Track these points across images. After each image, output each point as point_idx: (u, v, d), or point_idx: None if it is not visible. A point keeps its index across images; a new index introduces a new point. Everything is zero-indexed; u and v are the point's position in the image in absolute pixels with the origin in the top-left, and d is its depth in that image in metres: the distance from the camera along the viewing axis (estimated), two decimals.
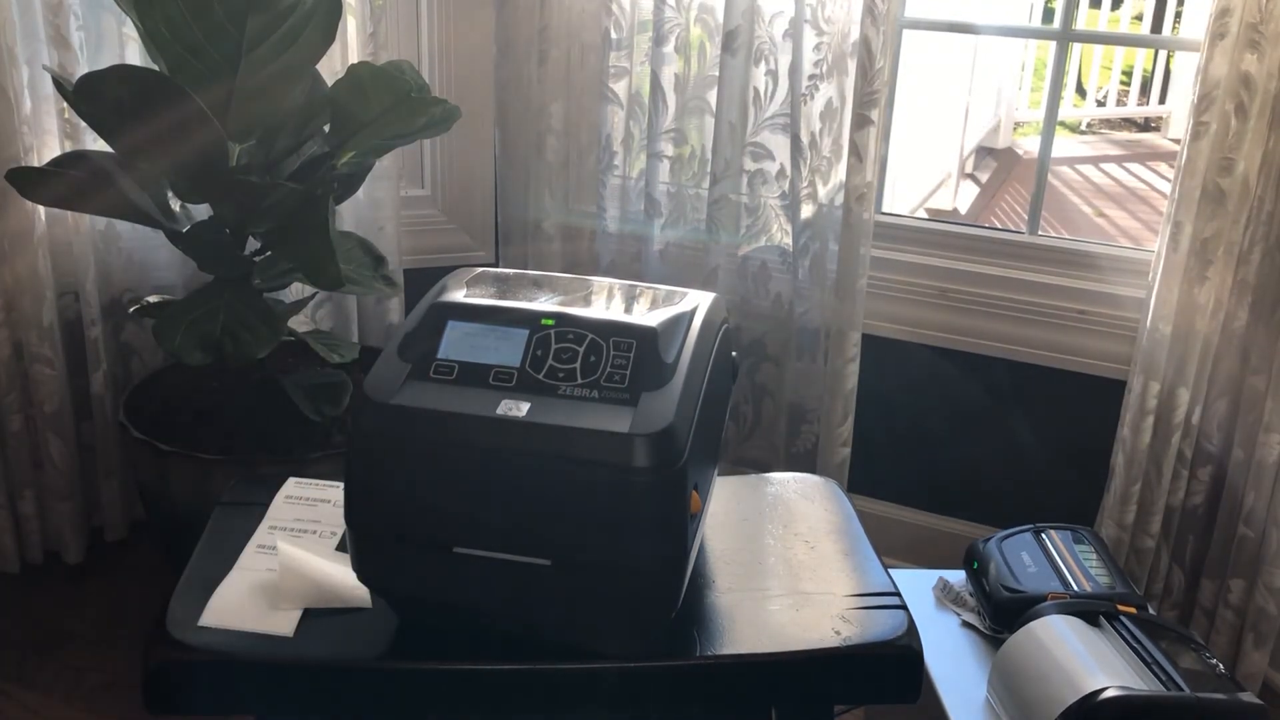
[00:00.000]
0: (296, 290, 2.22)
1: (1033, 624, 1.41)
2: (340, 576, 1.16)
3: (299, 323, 2.34)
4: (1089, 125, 6.16)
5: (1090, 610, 1.44)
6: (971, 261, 2.28)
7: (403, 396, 1.03)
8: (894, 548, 2.41)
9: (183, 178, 1.85)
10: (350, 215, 2.33)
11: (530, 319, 1.09)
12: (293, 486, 1.35)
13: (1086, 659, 1.33)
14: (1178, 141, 2.34)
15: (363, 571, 1.10)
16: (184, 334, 1.81)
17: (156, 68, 1.78)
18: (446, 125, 1.94)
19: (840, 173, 2.19)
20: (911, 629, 1.15)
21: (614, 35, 2.28)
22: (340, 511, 1.27)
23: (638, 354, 1.06)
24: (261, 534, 1.26)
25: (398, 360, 1.08)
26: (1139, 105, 6.12)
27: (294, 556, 1.17)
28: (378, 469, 1.04)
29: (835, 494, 1.41)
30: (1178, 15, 5.77)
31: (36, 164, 2.08)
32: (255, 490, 1.35)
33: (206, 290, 1.93)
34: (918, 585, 1.67)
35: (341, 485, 1.06)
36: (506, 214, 2.51)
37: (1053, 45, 2.21)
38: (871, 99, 2.08)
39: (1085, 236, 3.91)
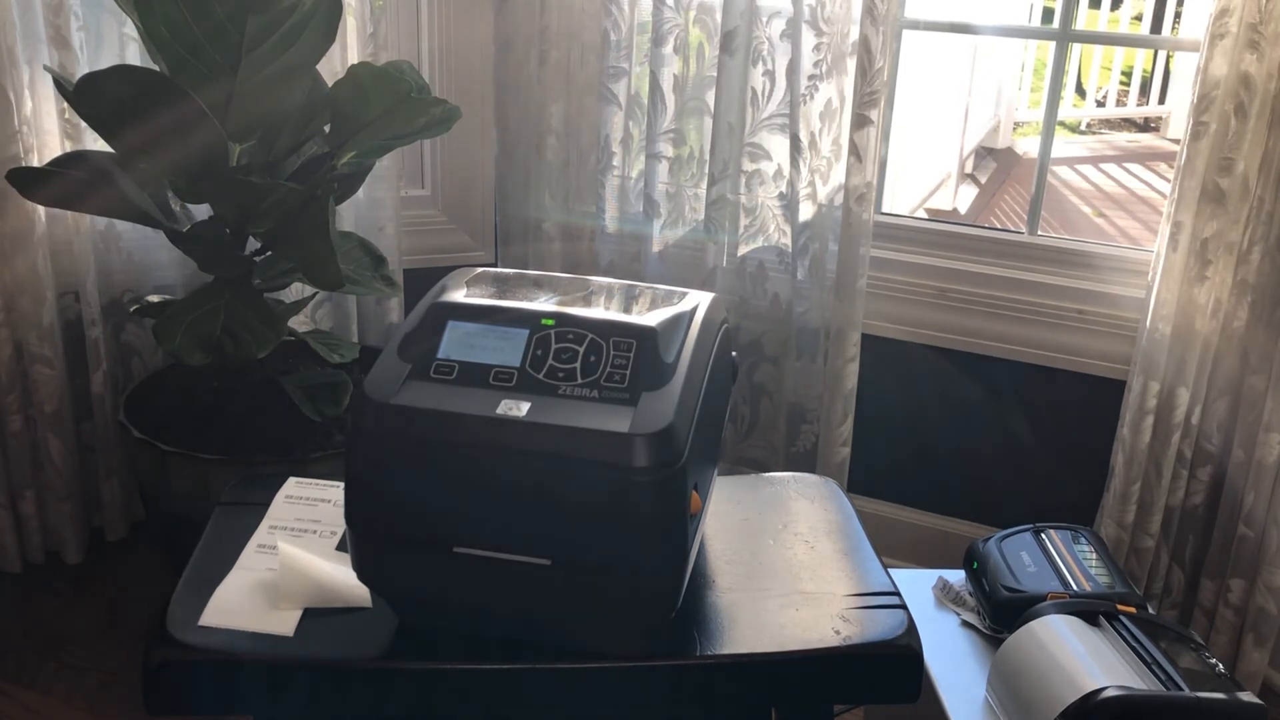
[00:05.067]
0: (296, 290, 2.22)
1: (1032, 624, 1.41)
2: (340, 576, 1.16)
3: (299, 323, 2.35)
4: (1089, 125, 6.17)
5: (1090, 610, 1.44)
6: (971, 261, 2.28)
7: (403, 396, 1.03)
8: (894, 548, 2.41)
9: (183, 178, 1.86)
10: (350, 215, 2.33)
11: (530, 319, 1.09)
12: (293, 486, 1.35)
13: (1086, 659, 1.33)
14: (1177, 141, 2.34)
15: (363, 571, 1.10)
16: (184, 334, 1.81)
17: (156, 68, 1.78)
18: (447, 125, 1.94)
19: (840, 173, 2.19)
20: (911, 629, 1.15)
21: (613, 36, 2.28)
22: (340, 511, 1.28)
23: (638, 354, 1.06)
24: (261, 534, 1.26)
25: (398, 360, 1.08)
26: (1139, 105, 6.12)
27: (294, 556, 1.17)
28: (378, 469, 1.04)
29: (835, 494, 1.41)
30: (1177, 15, 5.77)
31: (37, 164, 2.09)
32: (255, 490, 1.35)
33: (206, 290, 1.93)
34: (918, 585, 1.67)
35: (341, 485, 1.06)
36: (506, 214, 2.51)
37: (1052, 45, 2.21)
38: (871, 99, 2.08)
39: (1085, 236, 3.91)
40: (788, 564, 1.25)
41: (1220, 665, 1.35)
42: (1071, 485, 2.28)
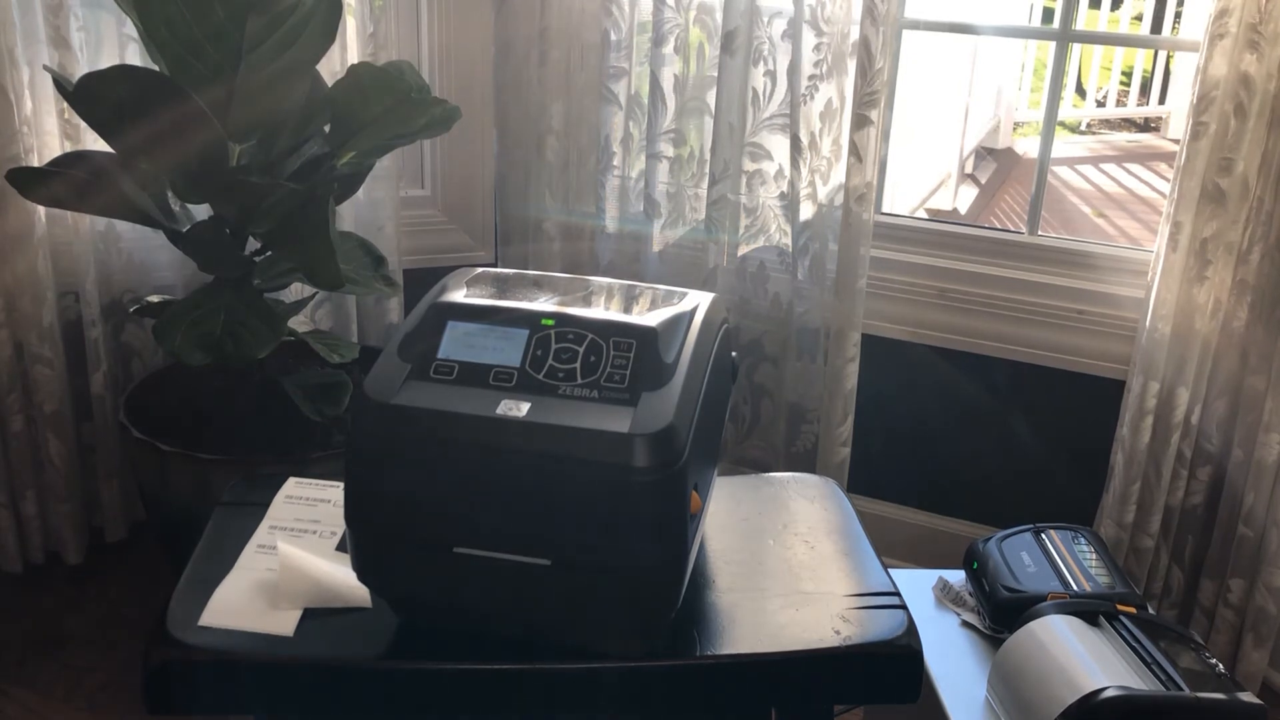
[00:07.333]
0: (296, 290, 2.22)
1: (1032, 624, 1.41)
2: (340, 576, 1.16)
3: (299, 323, 2.34)
4: (1088, 125, 6.17)
5: (1090, 610, 1.44)
6: (971, 261, 2.28)
7: (403, 396, 1.03)
8: (894, 548, 2.41)
9: (183, 178, 1.86)
10: (350, 215, 2.33)
11: (530, 319, 1.09)
12: (293, 486, 1.35)
13: (1086, 659, 1.33)
14: (1177, 141, 2.34)
15: (363, 571, 1.10)
16: (184, 334, 1.81)
17: (156, 68, 1.78)
18: (447, 125, 1.94)
19: (840, 173, 2.19)
20: (911, 629, 1.15)
21: (613, 36, 2.28)
22: (340, 511, 1.27)
23: (638, 354, 1.06)
24: (261, 534, 1.26)
25: (398, 360, 1.08)
26: (1139, 105, 6.12)
27: (294, 556, 1.17)
28: (378, 469, 1.03)
29: (835, 494, 1.41)
30: (1177, 15, 5.77)
31: (37, 164, 2.09)
32: (255, 490, 1.35)
33: (206, 290, 1.93)
34: (918, 585, 1.67)
35: (341, 485, 1.06)
36: (506, 214, 2.51)
37: (1052, 45, 2.21)
38: (871, 99, 2.08)
39: (1085, 236, 3.91)
40: (788, 564, 1.25)
41: (1220, 665, 1.35)
42: (1071, 485, 2.28)
